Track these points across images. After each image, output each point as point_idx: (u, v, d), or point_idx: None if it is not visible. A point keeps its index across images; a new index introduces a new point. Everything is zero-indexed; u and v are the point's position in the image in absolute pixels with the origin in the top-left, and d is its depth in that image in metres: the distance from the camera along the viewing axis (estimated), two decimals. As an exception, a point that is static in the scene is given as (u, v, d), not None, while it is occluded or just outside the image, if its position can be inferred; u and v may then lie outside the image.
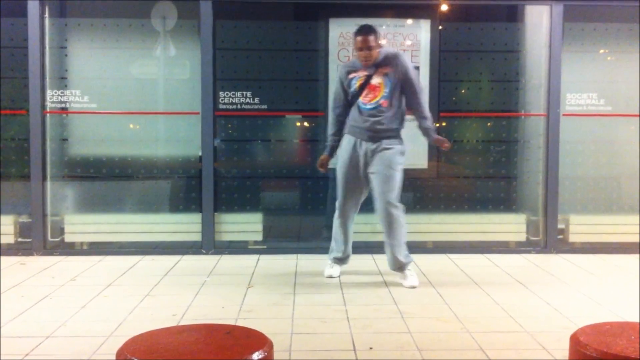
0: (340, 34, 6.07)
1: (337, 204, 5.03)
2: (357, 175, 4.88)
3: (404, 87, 4.83)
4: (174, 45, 6.12)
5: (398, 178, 4.80)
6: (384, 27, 6.10)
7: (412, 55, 6.10)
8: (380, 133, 4.81)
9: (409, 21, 6.17)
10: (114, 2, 5.98)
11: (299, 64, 6.16)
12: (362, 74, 4.83)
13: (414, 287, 4.77)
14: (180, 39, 6.13)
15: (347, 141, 4.93)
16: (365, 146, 4.83)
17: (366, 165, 4.85)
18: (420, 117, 4.90)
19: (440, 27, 6.17)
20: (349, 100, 4.91)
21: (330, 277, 5.02)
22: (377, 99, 4.79)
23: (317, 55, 6.11)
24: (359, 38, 4.75)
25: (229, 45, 6.11)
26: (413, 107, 4.91)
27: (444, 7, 6.13)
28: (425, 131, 4.93)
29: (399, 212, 4.81)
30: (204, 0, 5.79)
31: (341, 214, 5.01)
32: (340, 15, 6.08)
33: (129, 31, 6.09)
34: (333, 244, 5.13)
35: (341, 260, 5.12)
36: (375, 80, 4.80)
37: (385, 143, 4.80)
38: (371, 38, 4.72)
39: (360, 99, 4.83)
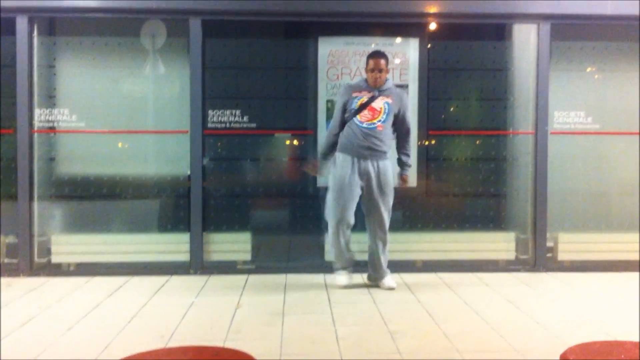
0: (330, 52, 6.08)
1: (335, 218, 5.20)
2: (354, 189, 5.17)
3: (397, 123, 5.25)
4: (163, 64, 6.11)
5: (391, 200, 5.28)
6: (373, 45, 6.12)
7: (401, 73, 6.12)
8: (374, 152, 5.14)
9: (398, 39, 6.19)
10: (102, 21, 5.96)
11: (288, 82, 6.17)
12: (365, 94, 5.18)
13: (392, 289, 5.23)
14: (169, 57, 6.12)
15: (342, 159, 5.19)
16: (363, 164, 5.14)
17: (362, 182, 5.16)
18: (402, 152, 5.36)
19: (428, 46, 6.19)
20: (344, 118, 5.23)
21: (345, 286, 5.30)
22: (374, 120, 5.13)
23: (306, 73, 6.12)
24: (372, 60, 5.19)
25: (218, 64, 6.10)
26: (400, 142, 5.36)
27: (433, 26, 6.16)
28: (401, 164, 5.37)
29: (387, 231, 5.32)
30: (194, 19, 5.79)
31: (340, 226, 5.20)
32: (329, 34, 6.09)
33: (118, 50, 6.07)
34: (338, 255, 5.34)
35: (348, 268, 5.40)
36: (377, 104, 5.16)
37: (381, 165, 5.18)
38: (383, 62, 5.20)
39: (358, 117, 5.12)
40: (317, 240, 6.02)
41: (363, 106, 5.13)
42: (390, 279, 5.33)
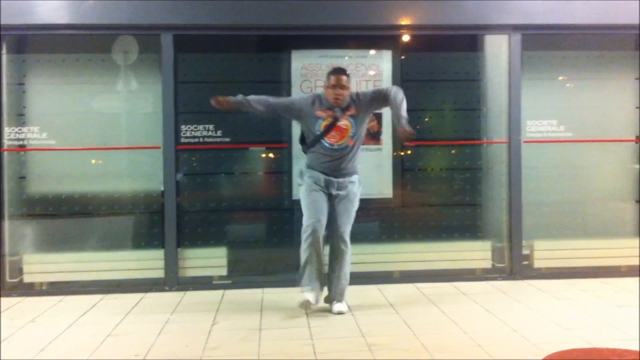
0: (303, 65, 6.08)
1: (308, 226, 4.86)
2: (323, 197, 4.96)
3: (377, 105, 5.09)
4: (135, 80, 6.06)
5: (355, 212, 5.02)
6: (346, 58, 6.13)
7: (375, 85, 6.13)
8: (344, 170, 4.98)
9: (371, 52, 6.21)
10: (73, 37, 5.90)
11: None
12: (329, 115, 4.94)
13: (342, 314, 4.86)
14: (141, 72, 6.07)
15: (310, 174, 5.01)
16: (331, 179, 4.96)
17: (330, 191, 4.97)
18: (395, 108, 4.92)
19: (402, 57, 6.21)
20: (277, 113, 5.11)
21: (309, 302, 4.85)
22: (344, 139, 4.93)
23: (279, 87, 6.09)
24: (334, 76, 4.94)
25: (191, 78, 6.06)
26: (390, 102, 4.93)
27: (406, 38, 6.18)
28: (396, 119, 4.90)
29: (348, 244, 4.99)
30: (165, 34, 5.76)
31: (313, 234, 4.84)
32: (302, 47, 6.09)
33: (89, 66, 6.01)
34: (308, 270, 4.95)
35: (320, 285, 4.99)
36: (343, 123, 4.94)
37: (348, 178, 4.99)
38: (345, 78, 4.94)
39: (326, 139, 4.93)
40: (293, 254, 5.97)
41: (329, 128, 4.91)
42: (341, 305, 4.95)
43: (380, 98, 5.01)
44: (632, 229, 6.41)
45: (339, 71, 4.98)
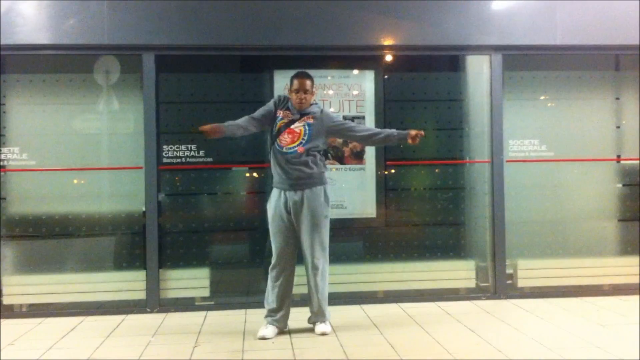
0: (286, 85, 6.05)
1: (274, 256, 4.92)
2: (287, 227, 4.87)
3: (337, 133, 5.05)
4: (116, 100, 6.03)
5: (324, 230, 4.88)
6: (329, 77, 6.15)
7: (358, 105, 6.14)
8: (301, 180, 4.82)
9: (354, 72, 6.23)
10: (54, 57, 5.88)
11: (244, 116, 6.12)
12: (287, 116, 4.90)
13: (325, 334, 4.79)
14: (123, 93, 6.04)
15: (273, 194, 4.95)
16: (289, 196, 4.82)
17: (293, 216, 4.84)
18: (379, 139, 5.04)
19: (384, 77, 6.23)
20: (262, 122, 4.95)
21: (264, 338, 4.74)
22: (294, 144, 4.83)
23: (262, 106, 6.07)
24: (297, 80, 4.91)
25: (173, 98, 6.04)
26: (364, 139, 5.08)
27: (388, 58, 6.21)
28: (395, 139, 5.04)
29: (320, 267, 4.86)
30: (146, 54, 5.74)
31: (277, 264, 4.89)
32: (285, 67, 6.08)
33: (70, 86, 5.98)
34: (269, 300, 4.94)
35: (276, 319, 4.90)
36: (297, 126, 4.86)
37: (308, 193, 4.82)
38: (309, 82, 4.91)
39: (278, 141, 4.85)
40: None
41: (283, 128, 4.85)
42: (324, 325, 4.88)
43: (347, 128, 5.01)
44: (615, 247, 6.44)
45: (302, 75, 4.94)
